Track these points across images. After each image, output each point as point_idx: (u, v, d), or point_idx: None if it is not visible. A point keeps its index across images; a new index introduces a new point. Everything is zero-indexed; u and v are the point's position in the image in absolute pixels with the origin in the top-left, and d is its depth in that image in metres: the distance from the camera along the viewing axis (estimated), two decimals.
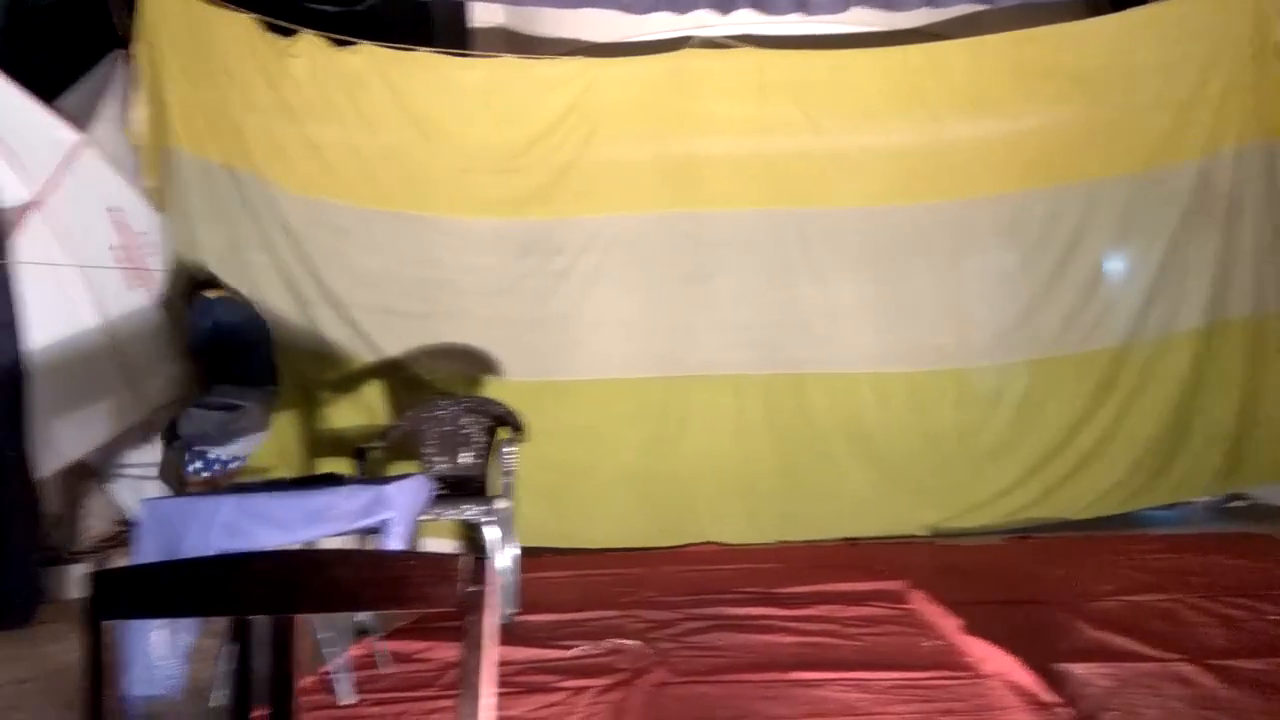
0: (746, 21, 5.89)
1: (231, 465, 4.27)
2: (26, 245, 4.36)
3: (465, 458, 4.19)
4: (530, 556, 4.91)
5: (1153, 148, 5.90)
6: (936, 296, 5.98)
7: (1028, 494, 5.80)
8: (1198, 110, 5.86)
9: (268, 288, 5.46)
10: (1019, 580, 4.19)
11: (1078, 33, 6.06)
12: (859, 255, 5.97)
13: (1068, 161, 5.94)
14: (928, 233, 5.98)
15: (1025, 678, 2.50)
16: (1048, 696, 2.37)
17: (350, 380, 5.58)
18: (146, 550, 2.54)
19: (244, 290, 5.36)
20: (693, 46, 6.00)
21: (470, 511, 3.67)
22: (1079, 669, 2.61)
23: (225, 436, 4.22)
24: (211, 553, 2.42)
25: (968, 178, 5.97)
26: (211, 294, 4.54)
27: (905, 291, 5.97)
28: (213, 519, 2.54)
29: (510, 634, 3.39)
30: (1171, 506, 5.95)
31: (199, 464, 4.20)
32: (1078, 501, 5.77)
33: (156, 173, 5.23)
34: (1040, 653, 2.73)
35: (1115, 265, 6.06)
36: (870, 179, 5.98)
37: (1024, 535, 5.54)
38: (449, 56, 5.94)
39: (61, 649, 3.59)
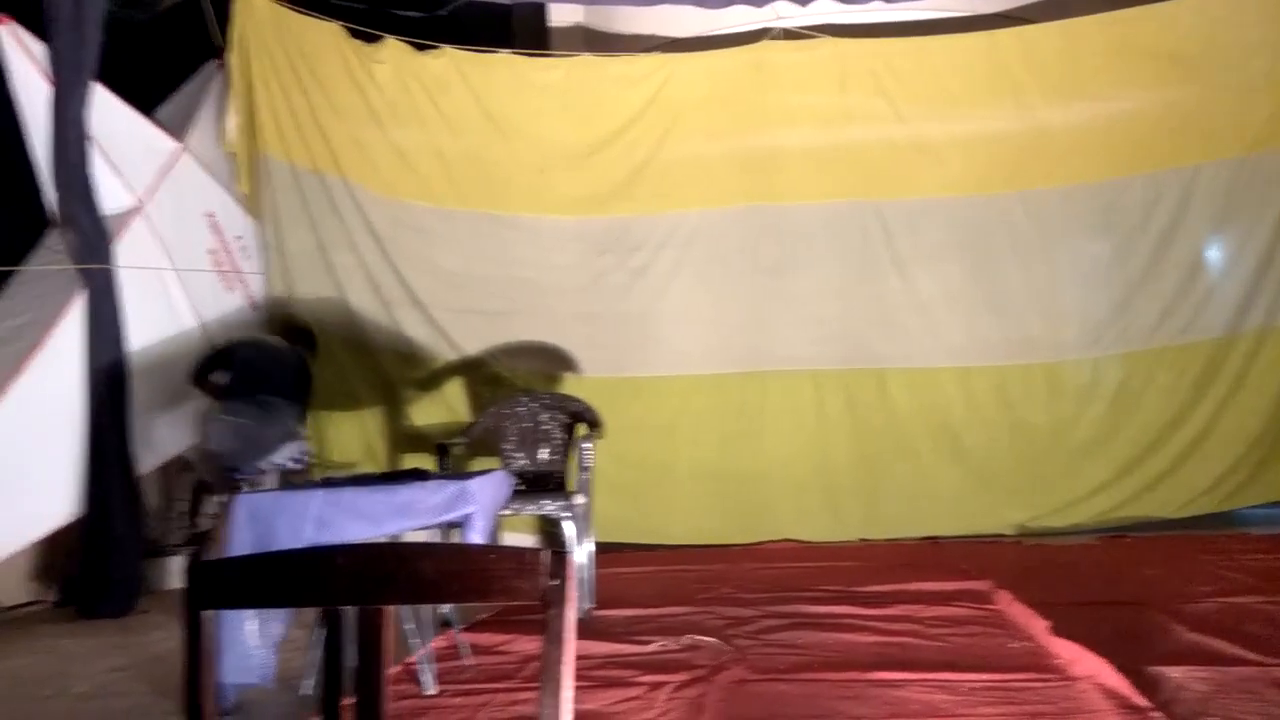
0: (826, 11, 5.82)
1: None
2: (128, 250, 4.58)
3: (544, 454, 4.25)
4: (609, 552, 4.95)
5: (1258, 130, 5.64)
6: (1026, 288, 5.82)
7: (1122, 492, 5.61)
8: None
9: (353, 288, 5.62)
10: (1111, 581, 4.06)
11: (1177, 11, 5.81)
12: (944, 246, 5.85)
13: (1167, 146, 5.72)
14: (1017, 222, 5.83)
15: (1117, 681, 2.42)
16: (1140, 700, 2.29)
17: (433, 378, 5.71)
18: (241, 543, 2.64)
19: (330, 291, 5.54)
20: (772, 39, 5.96)
21: (549, 507, 3.71)
22: (1174, 672, 2.52)
23: (254, 451, 4.12)
24: (302, 545, 2.51)
25: (1060, 164, 5.80)
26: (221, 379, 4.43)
27: (993, 283, 5.82)
28: (303, 512, 2.63)
29: (588, 629, 3.42)
30: (1273, 505, 5.67)
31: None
32: (1175, 500, 5.56)
33: (249, 179, 5.43)
34: (1133, 655, 2.64)
35: (1216, 253, 5.81)
36: (956, 168, 5.85)
37: (1117, 535, 5.36)
38: (528, 57, 6.03)
39: (160, 637, 3.76)
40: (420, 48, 5.85)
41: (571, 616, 1.04)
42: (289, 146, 5.50)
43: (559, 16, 6.90)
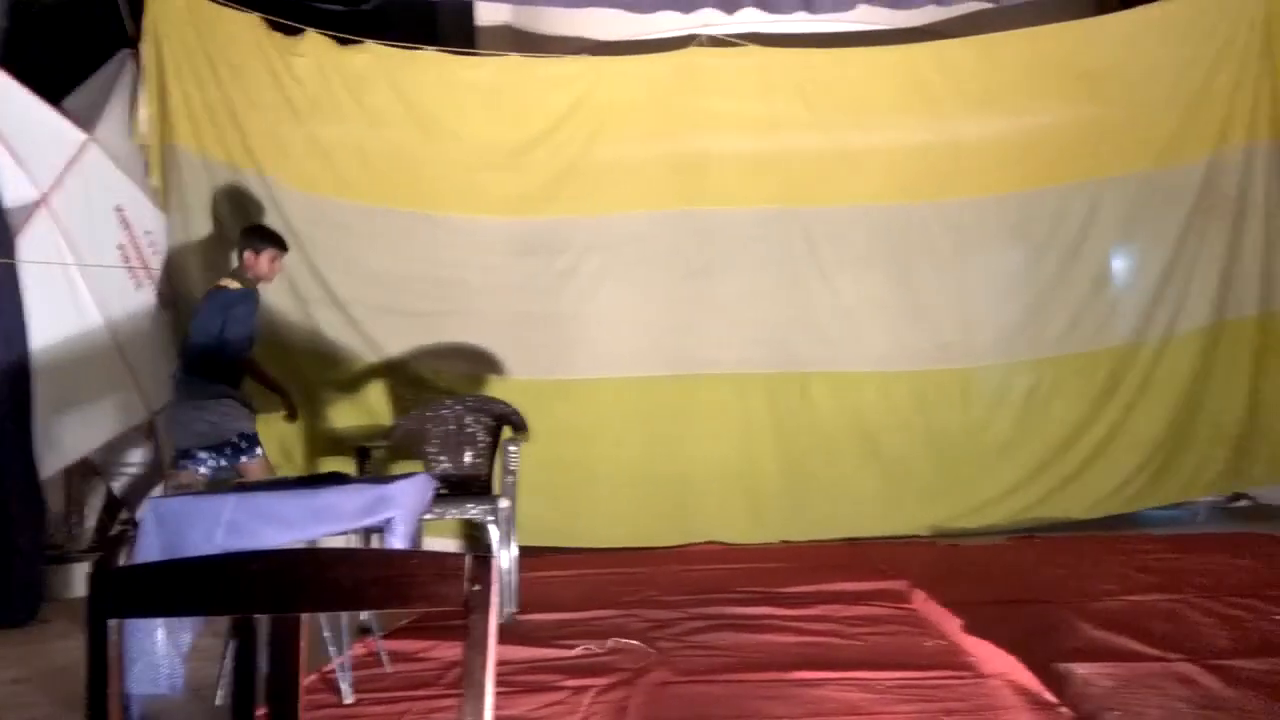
0: (752, 20, 5.90)
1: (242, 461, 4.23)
2: (32, 244, 4.38)
3: (468, 457, 4.20)
4: (534, 556, 4.92)
5: (1162, 146, 5.90)
6: (943, 295, 5.98)
7: (1032, 494, 5.80)
8: (1206, 108, 5.86)
9: (269, 286, 5.46)
10: (1021, 580, 4.18)
11: (1088, 31, 6.06)
12: (865, 253, 5.97)
13: (1076, 159, 5.94)
14: (934, 231, 5.98)
15: (1027, 678, 2.50)
16: (1049, 696, 2.37)
17: (352, 380, 5.60)
18: (150, 549, 2.54)
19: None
20: (698, 45, 6.01)
21: (472, 511, 3.67)
22: (1081, 669, 2.60)
23: (217, 433, 4.15)
24: (215, 551, 2.43)
25: (975, 176, 5.97)
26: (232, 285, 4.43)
27: (911, 290, 5.97)
28: (216, 518, 2.55)
29: (512, 633, 3.39)
30: (1175, 506, 5.94)
31: (194, 466, 4.17)
32: (1083, 501, 5.77)
33: (161, 172, 5.25)
34: (1042, 652, 2.73)
35: (1122, 264, 6.06)
36: (877, 177, 5.98)
37: (1026, 535, 5.53)
38: (454, 55, 5.96)
39: (63, 648, 3.60)
40: (342, 42, 5.74)
41: (493, 622, 1.03)
42: (202, 139, 5.33)
43: (486, 15, 6.85)
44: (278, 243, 4.66)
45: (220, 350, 4.27)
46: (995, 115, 5.99)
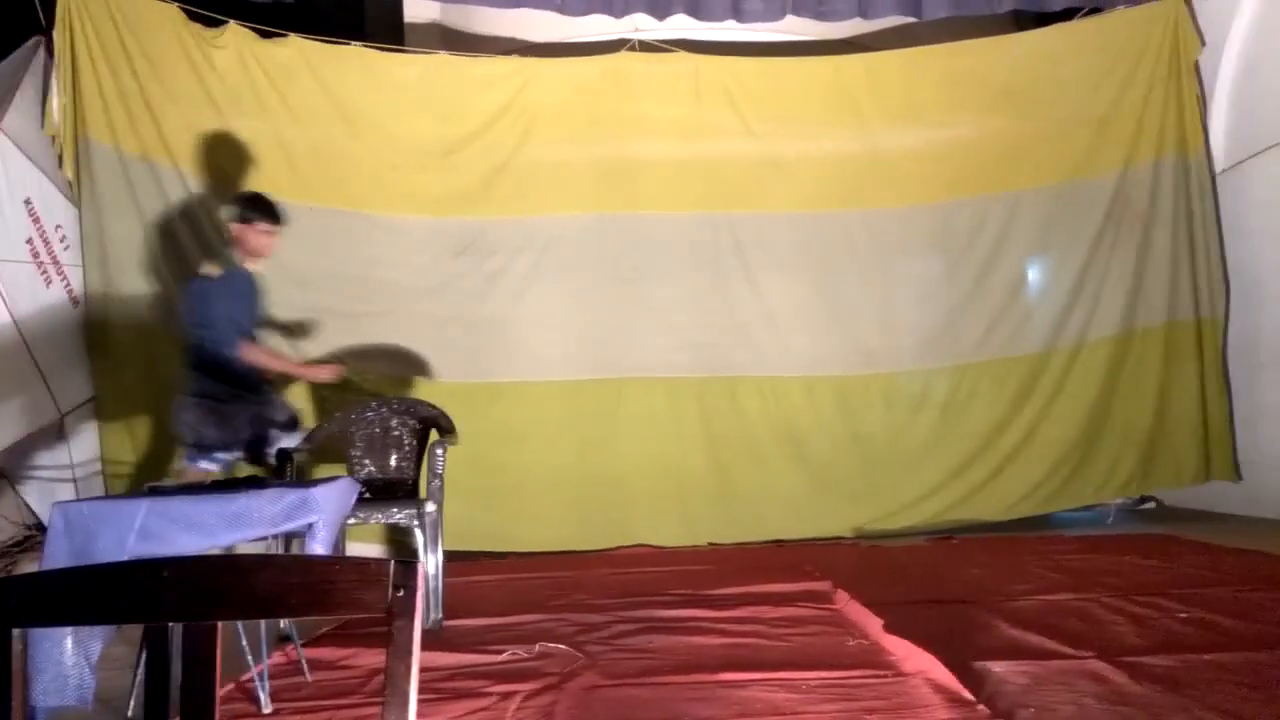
0: (682, 27, 5.95)
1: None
2: None
3: (393, 461, 4.13)
4: (462, 560, 4.87)
5: (1075, 160, 6.11)
6: (866, 302, 6.10)
7: (951, 496, 5.94)
8: (1118, 124, 6.09)
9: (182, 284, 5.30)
10: (940, 580, 4.28)
11: (1007, 47, 6.25)
12: (792, 260, 6.06)
13: (994, 172, 6.12)
14: (859, 239, 6.10)
15: (945, 676, 2.56)
16: (966, 694, 2.43)
17: (273, 382, 5.44)
18: (58, 555, 2.44)
19: (158, 287, 5.22)
20: (630, 50, 6.02)
21: (397, 515, 3.61)
22: (996, 667, 2.68)
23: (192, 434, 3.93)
24: (126, 558, 2.35)
25: (898, 185, 6.11)
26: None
27: (836, 296, 6.08)
28: (129, 523, 2.46)
29: (439, 639, 3.35)
30: (1086, 509, 6.16)
31: (204, 462, 3.96)
32: (999, 503, 5.93)
33: (75, 164, 5.06)
34: (960, 651, 2.80)
35: (1037, 274, 6.26)
36: (803, 184, 6.07)
37: (945, 536, 5.67)
38: (382, 52, 5.87)
39: None
40: (265, 35, 5.60)
41: (418, 628, 1.02)
42: (116, 131, 5.15)
43: (415, 12, 6.77)
44: (269, 213, 4.16)
45: (202, 347, 3.98)
46: (917, 127, 6.14)
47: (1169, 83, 6.09)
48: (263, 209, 4.16)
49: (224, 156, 5.47)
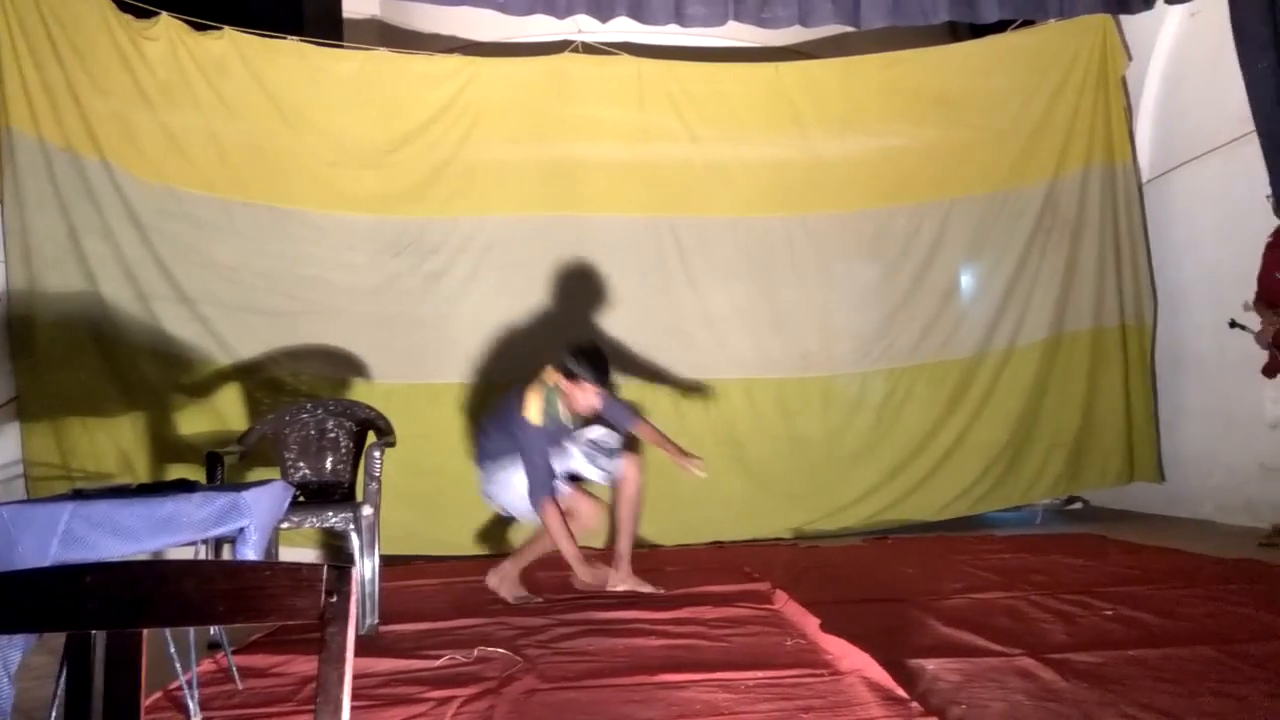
0: (625, 30, 5.96)
1: None
2: None
3: (329, 463, 4.05)
4: (399, 564, 4.80)
5: (1006, 169, 6.27)
6: (805, 305, 6.18)
7: (887, 497, 6.05)
8: (1048, 135, 6.27)
9: (108, 280, 5.14)
10: (875, 580, 4.35)
11: (942, 58, 6.40)
12: (732, 263, 6.11)
13: (928, 180, 6.25)
14: (797, 243, 6.18)
15: (880, 674, 2.59)
16: (900, 692, 2.46)
17: (202, 383, 5.32)
18: None
19: (81, 284, 5.06)
20: (573, 51, 6.01)
21: (332, 519, 3.55)
22: (930, 664, 2.73)
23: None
24: (48, 564, 2.27)
25: (837, 191, 6.20)
26: None
27: (775, 300, 6.14)
28: (50, 528, 2.37)
29: (374, 645, 3.30)
30: (1016, 509, 6.32)
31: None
32: (933, 504, 6.06)
33: None
34: (894, 649, 2.84)
35: (970, 280, 6.41)
36: (743, 189, 6.13)
37: (880, 536, 5.76)
38: (319, 46, 5.78)
39: None
40: (198, 27, 5.48)
41: (351, 634, 1.00)
42: (40, 122, 4.98)
43: (354, 8, 6.69)
44: (598, 376, 3.96)
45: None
46: (854, 134, 6.24)
47: (1097, 94, 6.29)
48: (594, 369, 3.96)
49: (153, 150, 5.32)
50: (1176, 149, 6.08)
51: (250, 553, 2.48)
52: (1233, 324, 4.98)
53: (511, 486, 4.02)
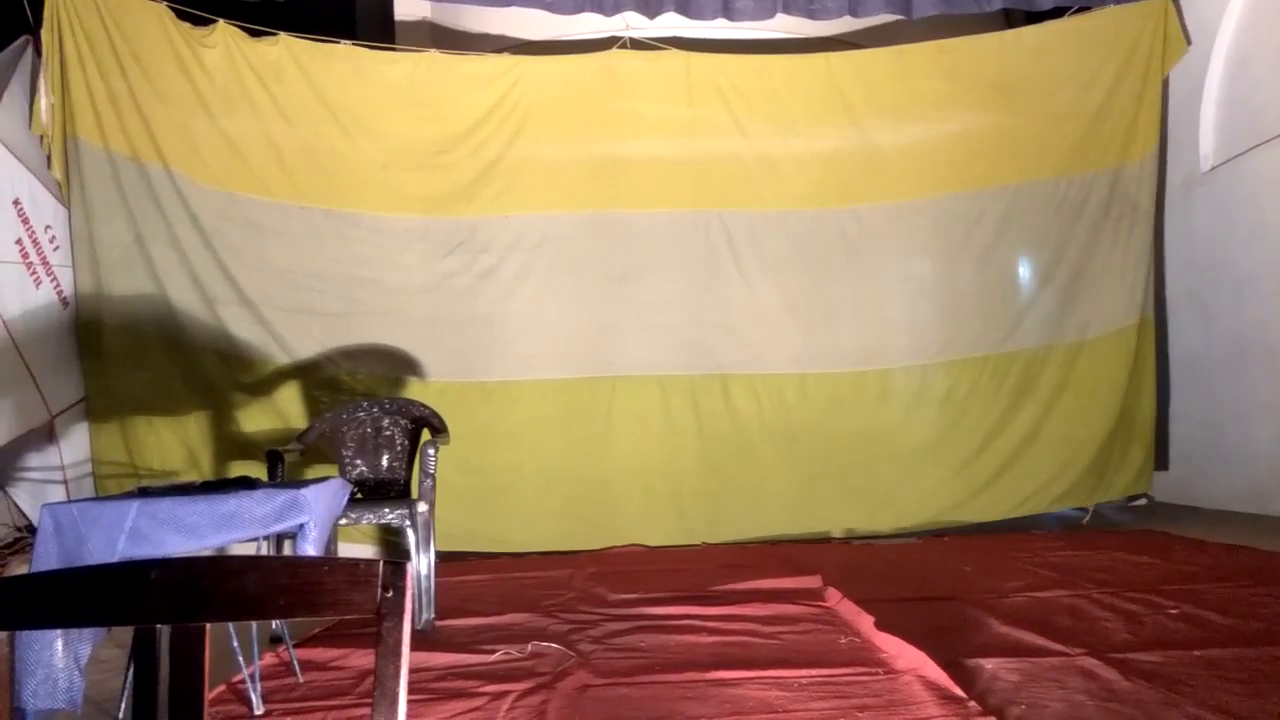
0: (673, 25, 5.95)
1: None
2: None
3: (385, 461, 4.12)
4: (453, 561, 4.87)
5: (1067, 154, 6.13)
6: (860, 298, 6.09)
7: (952, 496, 5.91)
8: (1110, 119, 6.11)
9: (174, 285, 5.29)
10: (931, 577, 4.29)
11: (998, 43, 6.26)
12: (784, 257, 6.06)
13: (987, 166, 6.13)
14: (851, 235, 6.10)
15: (936, 673, 2.56)
16: (957, 691, 2.43)
17: (263, 382, 5.45)
18: (47, 557, 2.43)
19: (148, 288, 5.21)
20: (620, 48, 6.02)
21: (389, 516, 3.61)
22: (988, 664, 2.69)
23: None
24: (117, 560, 2.34)
25: (890, 182, 6.11)
26: None
27: (829, 293, 6.07)
28: (118, 525, 2.45)
29: (430, 639, 3.35)
30: (1080, 506, 6.16)
31: None
32: (1005, 503, 5.89)
33: (64, 164, 5.04)
34: (951, 648, 2.81)
35: (1032, 269, 6.25)
36: (795, 182, 6.08)
37: (935, 534, 5.67)
38: (371, 50, 5.86)
39: None
40: (254, 34, 5.59)
41: (407, 628, 1.01)
42: (106, 131, 5.14)
43: (405, 10, 6.77)
44: None
45: None
46: (909, 122, 6.14)
47: (1159, 82, 6.12)
48: None
49: (213, 157, 5.46)
50: (1243, 134, 5.89)
51: (310, 548, 2.53)
52: None
53: None
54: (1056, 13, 6.10)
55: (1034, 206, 6.14)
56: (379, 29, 6.61)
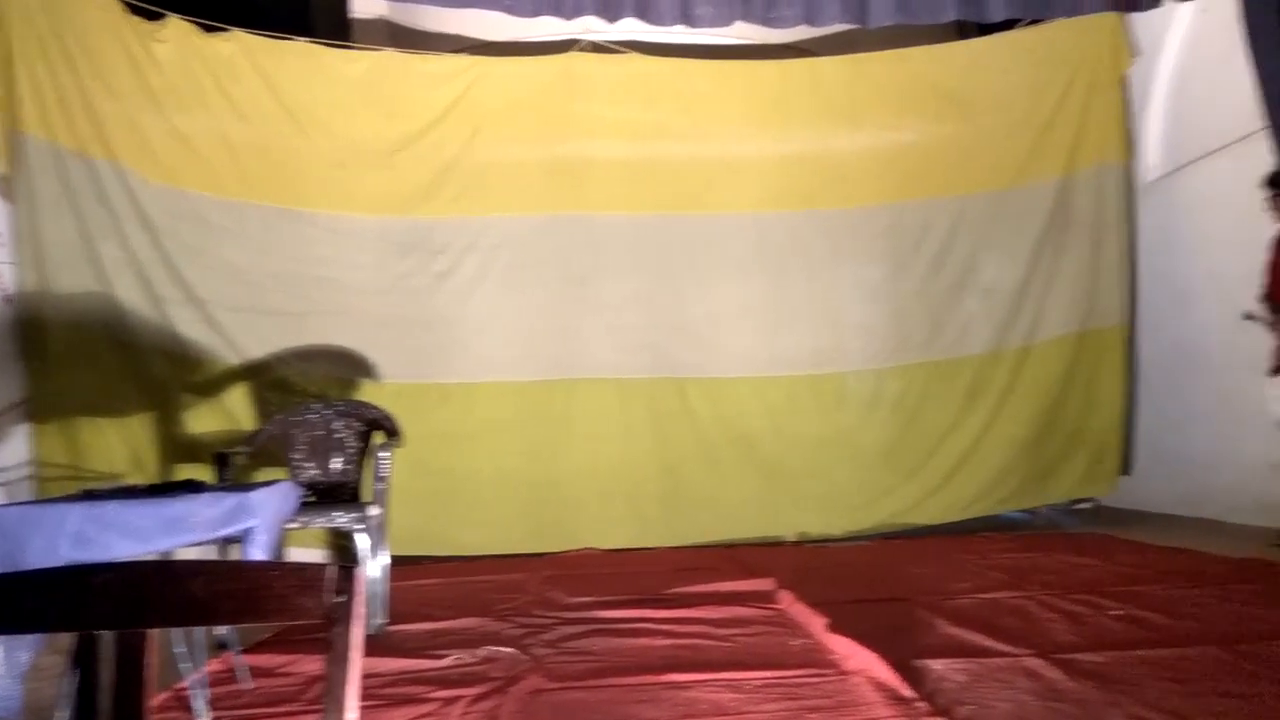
0: (633, 30, 5.95)
1: None
2: None
3: (337, 464, 4.07)
4: (407, 565, 4.82)
5: (1017, 165, 6.25)
6: (816, 302, 6.16)
7: (906, 498, 6.00)
8: (1059, 130, 6.25)
9: (121, 283, 5.17)
10: (882, 579, 4.34)
11: (953, 54, 6.38)
12: (742, 261, 6.10)
13: (939, 175, 6.23)
14: (808, 240, 6.16)
15: (886, 674, 2.60)
16: (907, 692, 2.47)
17: (212, 383, 5.35)
18: None
19: (94, 285, 5.09)
20: (580, 50, 6.02)
21: (340, 519, 3.56)
22: (937, 664, 2.73)
23: None
24: (58, 564, 2.28)
25: (847, 187, 6.18)
26: None
27: (786, 297, 6.13)
28: (59, 528, 2.39)
29: (381, 644, 3.31)
30: (1027, 509, 6.28)
31: None
32: (955, 505, 5.99)
33: (8, 160, 4.91)
34: (901, 649, 2.84)
35: (981, 276, 6.36)
36: (753, 186, 6.12)
37: (887, 536, 5.74)
38: (327, 47, 5.80)
39: None
40: (207, 29, 5.50)
41: (358, 634, 1.01)
42: (53, 126, 5.01)
43: (362, 8, 6.70)
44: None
45: None
46: (864, 130, 6.22)
47: (1108, 91, 6.26)
48: None
49: (164, 153, 5.35)
50: (1186, 147, 6.05)
51: (258, 553, 2.49)
52: (1247, 316, 4.95)
53: None
54: (1008, 25, 6.22)
55: (984, 216, 6.26)
56: (335, 27, 6.53)
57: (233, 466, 3.60)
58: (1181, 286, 6.15)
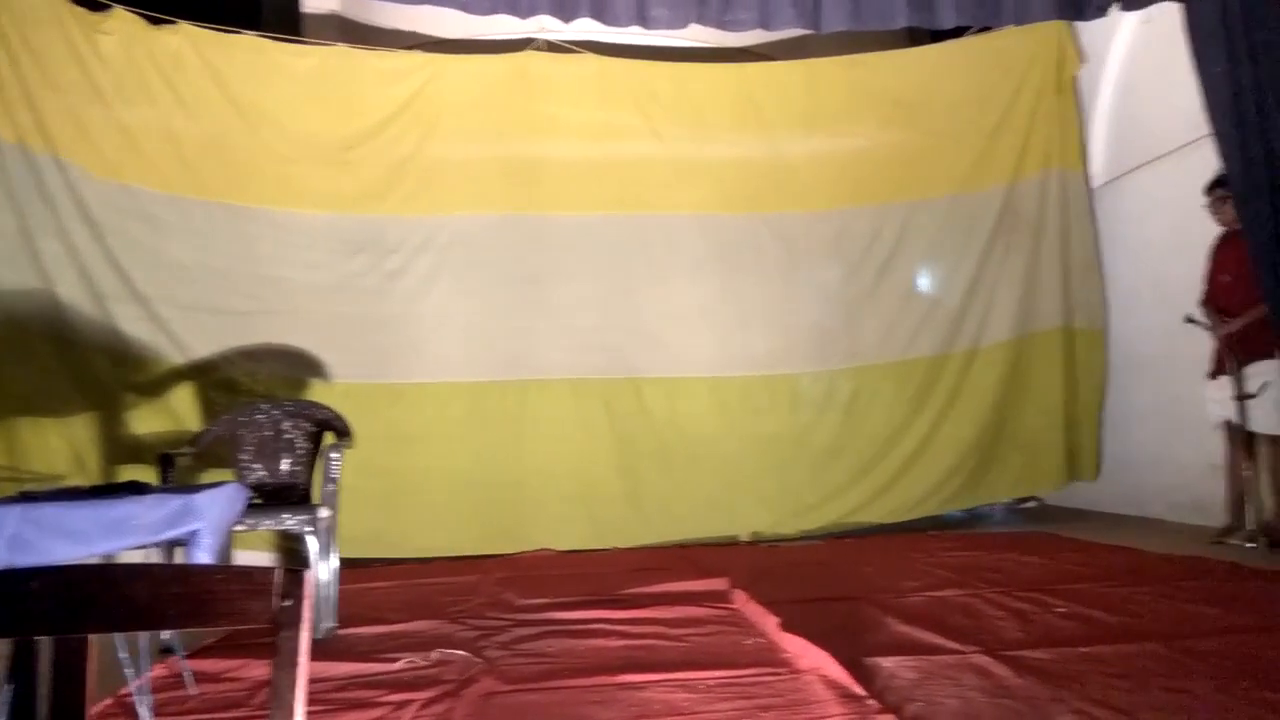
0: (588, 30, 5.94)
1: None
2: None
3: (285, 465, 4.00)
4: (358, 567, 4.76)
5: (965, 172, 6.35)
6: (770, 304, 6.20)
7: (856, 498, 6.07)
8: (1005, 138, 6.36)
9: (62, 279, 5.04)
10: (834, 578, 4.38)
11: (903, 61, 6.47)
12: (697, 262, 6.13)
13: (888, 182, 6.31)
14: (762, 242, 6.20)
15: (837, 672, 2.62)
16: (858, 690, 2.49)
17: (155, 383, 5.23)
18: None
19: (34, 282, 4.95)
20: (535, 49, 6.00)
21: (289, 521, 3.50)
22: (887, 662, 2.76)
23: None
24: None
25: (800, 192, 6.23)
26: None
27: (740, 298, 6.16)
28: None
29: (331, 648, 3.26)
30: (971, 508, 6.39)
31: None
32: (903, 504, 6.08)
33: None
34: (852, 647, 2.87)
35: (930, 281, 6.47)
36: (708, 187, 6.15)
37: (838, 535, 5.79)
38: (277, 41, 5.71)
39: None
40: (154, 21, 5.39)
41: (305, 638, 0.99)
42: None
43: (313, 3, 6.61)
44: None
45: None
46: (818, 135, 6.29)
47: (1054, 100, 6.39)
48: None
49: (108, 147, 5.23)
50: (1129, 154, 6.20)
51: (203, 556, 2.45)
52: (1188, 319, 5.08)
53: None
54: (958, 32, 6.32)
55: (932, 222, 6.36)
56: (285, 21, 6.45)
57: (177, 468, 3.52)
58: (1125, 290, 6.30)
